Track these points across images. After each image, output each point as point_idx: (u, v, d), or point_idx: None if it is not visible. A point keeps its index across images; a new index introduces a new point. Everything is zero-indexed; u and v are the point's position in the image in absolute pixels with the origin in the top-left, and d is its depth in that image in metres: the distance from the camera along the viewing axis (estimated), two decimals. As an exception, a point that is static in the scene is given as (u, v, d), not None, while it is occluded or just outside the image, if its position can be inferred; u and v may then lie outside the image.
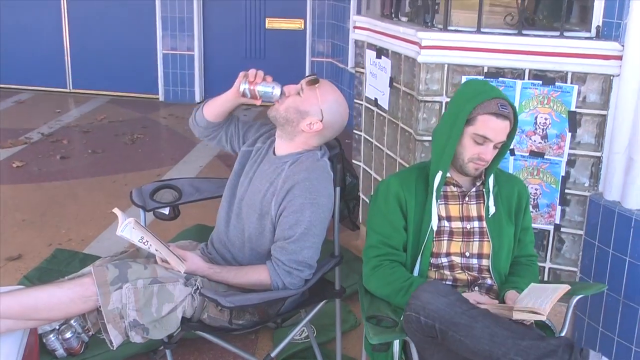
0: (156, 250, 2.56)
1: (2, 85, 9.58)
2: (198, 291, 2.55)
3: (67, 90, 9.59)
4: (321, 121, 2.64)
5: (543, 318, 2.19)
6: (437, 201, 2.50)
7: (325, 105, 2.64)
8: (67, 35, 9.38)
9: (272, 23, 8.85)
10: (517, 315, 2.17)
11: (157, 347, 3.27)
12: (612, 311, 3.17)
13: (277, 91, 2.66)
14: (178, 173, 6.12)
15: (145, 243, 2.53)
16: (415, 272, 2.51)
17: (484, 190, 2.56)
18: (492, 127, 2.39)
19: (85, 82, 9.52)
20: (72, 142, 7.13)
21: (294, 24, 8.79)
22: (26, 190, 5.58)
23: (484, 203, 2.55)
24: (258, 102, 2.71)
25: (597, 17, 3.26)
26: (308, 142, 2.71)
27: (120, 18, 9.16)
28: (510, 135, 2.48)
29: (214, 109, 2.84)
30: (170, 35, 8.91)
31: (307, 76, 2.71)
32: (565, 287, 2.29)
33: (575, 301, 2.51)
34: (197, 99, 9.09)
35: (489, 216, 2.53)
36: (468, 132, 2.42)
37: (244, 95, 2.68)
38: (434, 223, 2.49)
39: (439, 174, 2.49)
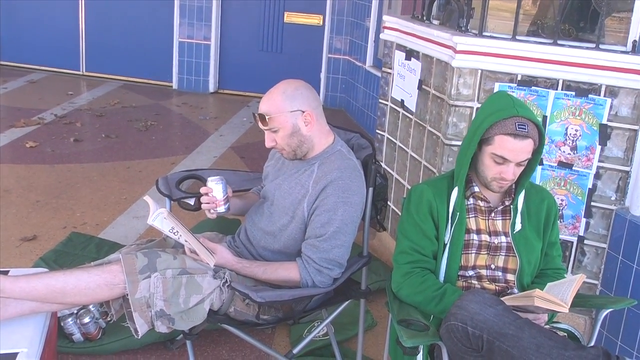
0: (186, 242, 2.54)
1: (14, 64, 9.57)
2: (227, 284, 2.54)
3: (80, 72, 9.57)
4: (304, 112, 2.60)
5: (565, 310, 2.17)
6: (451, 219, 2.47)
7: (288, 103, 2.59)
8: (83, 18, 9.36)
9: (290, 17, 8.82)
10: (538, 302, 2.14)
11: (174, 337, 3.26)
12: (633, 326, 3.17)
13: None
14: (192, 162, 6.10)
15: (176, 234, 2.51)
16: (441, 281, 2.50)
17: (511, 207, 2.53)
18: (510, 147, 2.33)
19: (98, 66, 9.51)
20: (85, 125, 7.11)
21: (313, 20, 8.76)
22: (40, 171, 5.56)
23: (509, 219, 2.53)
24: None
25: (635, 31, 3.24)
26: (322, 136, 2.69)
27: (138, 3, 9.14)
28: (538, 151, 2.42)
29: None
30: (188, 23, 8.89)
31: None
32: (581, 277, 2.27)
33: (604, 314, 2.50)
34: (211, 88, 9.07)
35: (514, 232, 2.51)
36: (487, 152, 2.39)
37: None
38: (446, 237, 2.47)
39: (455, 190, 2.47)
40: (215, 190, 2.69)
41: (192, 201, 3.06)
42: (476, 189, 2.51)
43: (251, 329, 2.83)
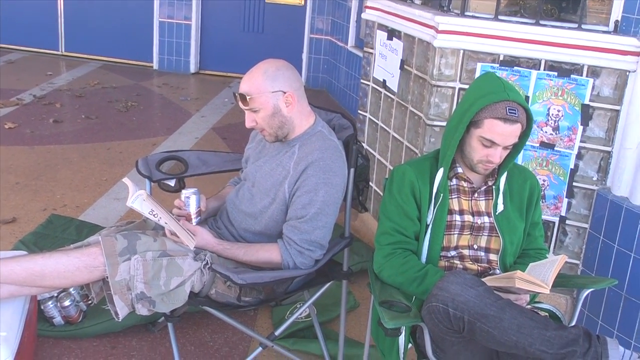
0: (166, 224, 2.52)
1: (-8, 45, 9.46)
2: (208, 266, 2.52)
3: (59, 52, 9.47)
4: (285, 93, 2.58)
5: (546, 291, 2.17)
6: (434, 199, 2.46)
7: (270, 83, 2.56)
8: (62, -3, 9.25)
9: (272, -3, 8.77)
10: (519, 284, 2.14)
11: (156, 319, 3.24)
12: (613, 305, 3.19)
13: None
14: (174, 144, 6.06)
15: (155, 216, 2.49)
16: (423, 261, 2.50)
17: (493, 187, 2.52)
18: (499, 131, 2.32)
19: (77, 46, 9.41)
20: (65, 106, 7.04)
21: (294, -1, 8.72)
22: (19, 153, 5.49)
23: (492, 199, 2.52)
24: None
25: (617, 11, 3.24)
26: (303, 117, 2.67)
27: (117, -18, 9.03)
28: (525, 135, 2.41)
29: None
30: (168, 3, 8.80)
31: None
32: (562, 258, 2.27)
33: (585, 294, 2.51)
34: (192, 69, 9.00)
35: (497, 214, 2.50)
36: (475, 134, 2.37)
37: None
38: (429, 218, 2.47)
39: (440, 171, 2.46)
40: (190, 204, 2.65)
41: (172, 182, 3.04)
42: (459, 170, 2.50)
43: (233, 311, 2.82)
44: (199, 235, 2.59)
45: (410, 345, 2.47)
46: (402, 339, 2.37)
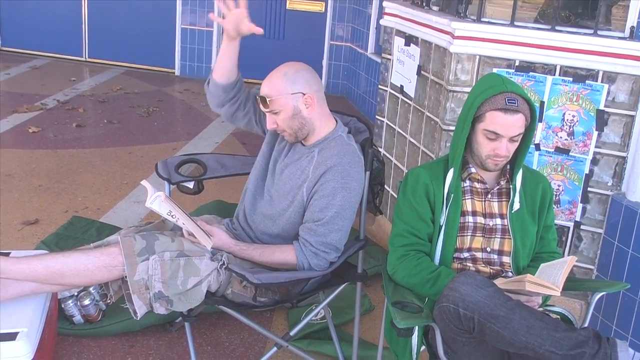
0: (183, 224, 2.57)
1: (17, 50, 9.60)
2: (224, 266, 2.57)
3: (83, 58, 9.59)
4: (305, 94, 2.62)
5: (557, 294, 2.19)
6: (446, 201, 2.49)
7: (289, 85, 2.60)
8: (86, 3, 9.36)
9: (293, 4, 8.81)
10: (529, 287, 2.16)
11: (173, 319, 3.29)
12: (627, 311, 3.19)
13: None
14: (194, 148, 6.13)
15: (173, 217, 2.54)
16: (436, 263, 2.52)
17: (507, 187, 2.54)
18: (501, 122, 2.36)
19: (101, 52, 9.52)
20: (87, 111, 7.13)
21: (315, 6, 8.75)
22: (42, 156, 5.58)
23: (506, 201, 2.54)
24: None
25: (632, 17, 3.25)
26: (323, 119, 2.71)
27: (141, -11, 9.15)
28: (531, 128, 2.45)
29: (219, 68, 2.80)
30: (190, 10, 8.90)
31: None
32: (572, 259, 2.28)
33: (597, 298, 2.52)
34: (213, 75, 9.06)
35: (512, 211, 2.52)
36: (480, 129, 2.41)
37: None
38: (442, 219, 2.49)
39: (451, 171, 2.50)
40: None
41: (191, 185, 3.09)
42: (472, 170, 2.53)
43: (249, 312, 2.86)
44: (216, 235, 2.64)
45: (423, 347, 2.50)
46: (415, 339, 2.40)
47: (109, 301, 3.26)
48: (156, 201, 2.51)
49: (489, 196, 2.54)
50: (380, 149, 4.46)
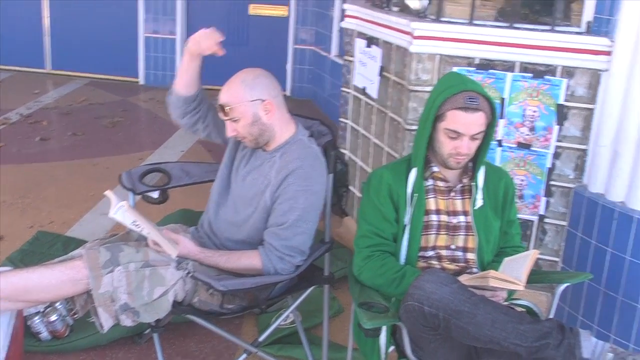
0: (148, 234, 2.55)
1: (-22, 65, 9.48)
2: (190, 275, 2.55)
3: (46, 70, 9.47)
4: (264, 101, 2.62)
5: (521, 288, 2.22)
6: (410, 201, 2.50)
7: (248, 92, 2.61)
8: (48, 15, 9.26)
9: (255, 9, 8.78)
10: (493, 283, 2.19)
11: (142, 331, 3.27)
12: (592, 300, 3.24)
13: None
14: (160, 157, 6.09)
15: (138, 226, 2.52)
16: (402, 262, 2.53)
17: (470, 185, 2.56)
18: (462, 121, 2.37)
19: (64, 64, 9.40)
20: (51, 123, 7.06)
21: (278, 11, 8.73)
22: (6, 172, 5.50)
23: (469, 198, 2.56)
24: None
25: (588, 12, 3.30)
26: (284, 124, 2.71)
27: (102, -1, 9.08)
28: (491, 125, 2.46)
29: (180, 81, 2.83)
30: (153, 18, 8.83)
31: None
32: (535, 252, 2.31)
33: (562, 289, 2.55)
34: (178, 83, 9.01)
35: (475, 208, 2.54)
36: (441, 128, 2.42)
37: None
38: (406, 219, 2.50)
39: (414, 171, 2.51)
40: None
41: (155, 194, 3.07)
42: (435, 169, 2.54)
43: (218, 320, 2.85)
44: (181, 244, 2.62)
45: (392, 347, 2.50)
46: (383, 339, 2.41)
47: (76, 316, 3.22)
48: (119, 211, 2.49)
49: (452, 194, 2.56)
50: (345, 151, 4.48)
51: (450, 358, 2.37)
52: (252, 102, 2.60)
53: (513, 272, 2.25)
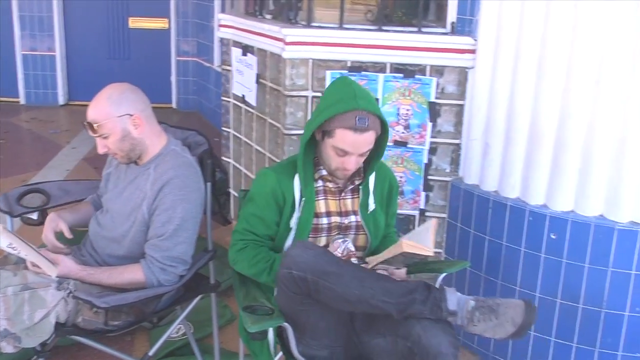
0: (26, 255, 2.50)
1: None
2: (71, 294, 2.51)
3: None
4: (132, 115, 2.61)
5: (430, 254, 2.25)
6: (297, 204, 2.50)
7: (115, 108, 2.59)
8: None
9: (135, 22, 8.68)
10: (406, 248, 2.20)
11: (29, 358, 3.17)
12: (474, 287, 3.37)
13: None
14: (44, 178, 5.92)
15: (14, 249, 2.46)
16: None
17: (360, 187, 2.57)
18: (350, 141, 2.34)
19: (-63, 87, 9.03)
20: None
21: (158, 23, 8.66)
22: None
23: (358, 197, 2.58)
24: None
25: (452, 13, 3.45)
26: (155, 137, 2.70)
27: (-26, 17, 8.75)
28: (384, 139, 2.46)
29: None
30: (30, 35, 8.58)
31: None
32: (434, 221, 2.38)
33: (441, 278, 2.64)
34: (61, 101, 8.81)
35: (368, 213, 2.57)
36: (329, 144, 2.39)
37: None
38: (292, 222, 2.51)
39: (296, 179, 2.51)
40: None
41: (35, 215, 3.01)
42: (324, 172, 2.52)
43: (110, 339, 2.81)
44: (61, 263, 2.56)
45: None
46: (271, 340, 2.43)
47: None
48: (-6, 235, 2.43)
49: (343, 194, 2.57)
50: (229, 160, 4.50)
51: (330, 335, 2.40)
52: (120, 117, 2.58)
53: (419, 242, 2.27)
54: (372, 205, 2.58)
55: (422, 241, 2.29)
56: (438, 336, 2.20)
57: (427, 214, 3.57)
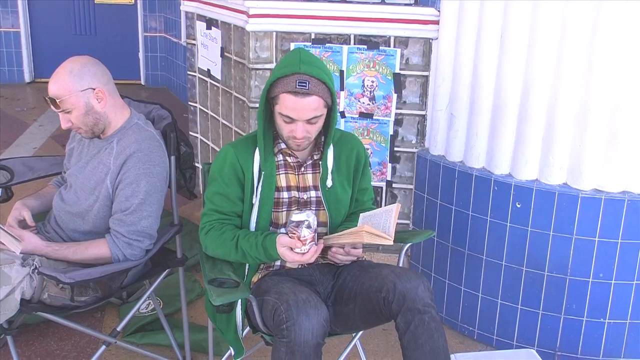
0: (-11, 232, 2.48)
1: None
2: (36, 270, 2.49)
3: None
4: (95, 89, 2.59)
5: (390, 242, 2.23)
6: (258, 179, 2.48)
7: (77, 82, 2.56)
8: None
9: (101, -3, 8.61)
10: (366, 238, 2.21)
11: (-3, 335, 3.17)
12: (442, 257, 3.40)
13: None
14: (10, 156, 5.83)
15: (-23, 226, 2.45)
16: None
17: (320, 161, 2.55)
18: (292, 106, 2.30)
19: None
20: None
21: (124, -1, 8.59)
22: None
23: (319, 172, 2.55)
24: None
25: (416, -16, 3.45)
26: (118, 111, 2.69)
27: None
28: (332, 107, 2.40)
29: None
30: (-8, 12, 8.46)
31: None
32: (397, 206, 2.34)
33: (406, 248, 2.67)
34: (27, 78, 8.71)
35: (326, 189, 2.54)
36: (277, 111, 2.36)
37: None
38: (254, 197, 2.49)
39: (257, 153, 2.48)
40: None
41: (-1, 192, 2.98)
42: (283, 145, 2.49)
43: (79, 315, 2.80)
44: (26, 239, 2.55)
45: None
46: (239, 315, 2.44)
47: None
48: (-46, 214, 2.41)
49: (303, 169, 2.53)
50: (196, 135, 4.48)
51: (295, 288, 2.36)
52: (83, 91, 2.56)
53: (380, 227, 2.27)
54: (329, 182, 2.54)
55: (383, 227, 2.28)
56: (412, 279, 2.27)
57: (394, 185, 3.60)
